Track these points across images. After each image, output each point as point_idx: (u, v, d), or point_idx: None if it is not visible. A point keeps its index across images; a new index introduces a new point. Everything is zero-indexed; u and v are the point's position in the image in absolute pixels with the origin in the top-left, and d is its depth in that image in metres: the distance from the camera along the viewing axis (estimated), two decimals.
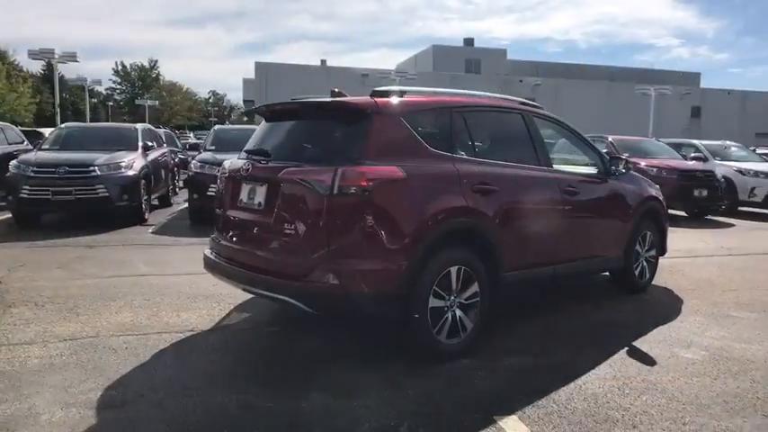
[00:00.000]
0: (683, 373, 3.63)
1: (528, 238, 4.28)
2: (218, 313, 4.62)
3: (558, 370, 3.64)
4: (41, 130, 16.75)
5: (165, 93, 69.93)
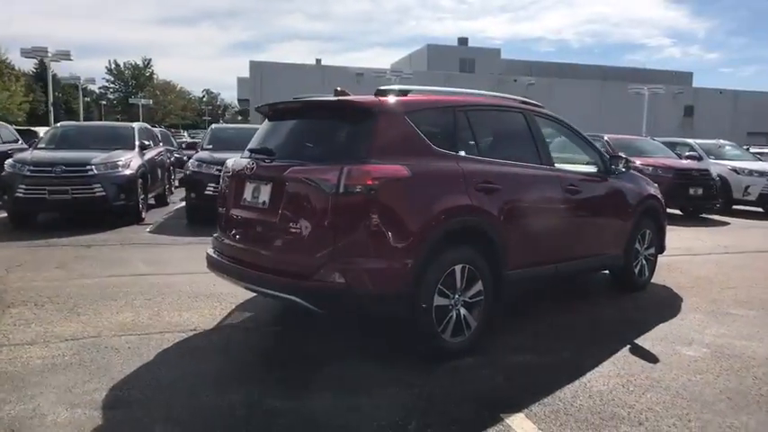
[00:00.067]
0: (685, 371, 3.65)
1: (531, 236, 4.29)
2: (220, 312, 4.61)
3: (563, 368, 3.66)
4: (36, 128, 16.58)
5: (158, 92, 69.50)
